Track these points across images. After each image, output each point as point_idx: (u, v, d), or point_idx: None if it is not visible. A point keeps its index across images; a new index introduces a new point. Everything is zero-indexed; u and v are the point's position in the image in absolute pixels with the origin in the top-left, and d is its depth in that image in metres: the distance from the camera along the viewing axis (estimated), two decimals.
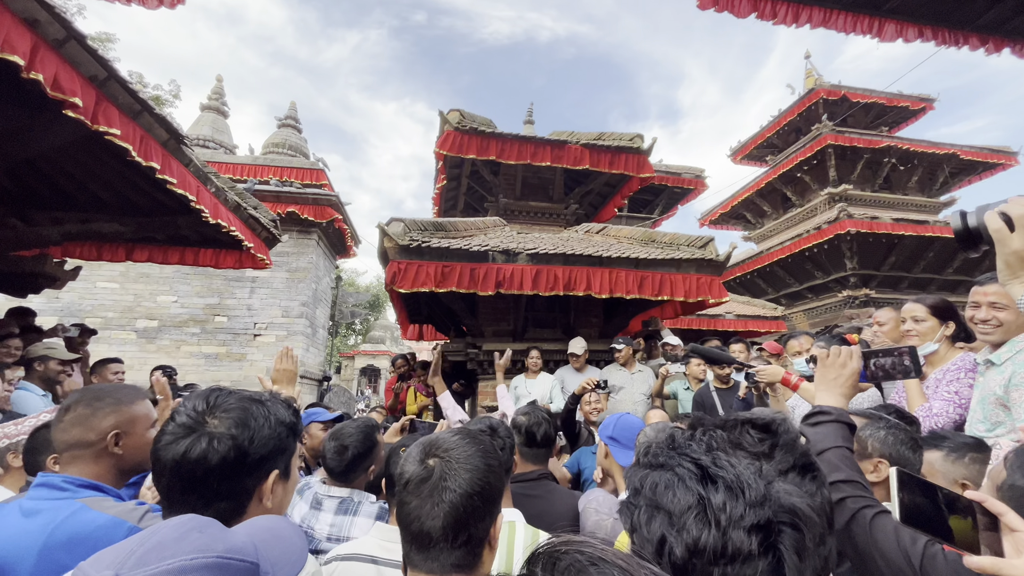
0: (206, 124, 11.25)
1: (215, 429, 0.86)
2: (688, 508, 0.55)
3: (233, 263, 5.43)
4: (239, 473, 0.87)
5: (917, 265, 10.62)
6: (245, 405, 0.92)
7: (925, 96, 12.75)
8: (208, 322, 9.01)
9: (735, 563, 0.52)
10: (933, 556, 0.83)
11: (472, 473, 0.86)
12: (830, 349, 1.24)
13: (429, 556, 0.83)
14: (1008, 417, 1.63)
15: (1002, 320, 1.78)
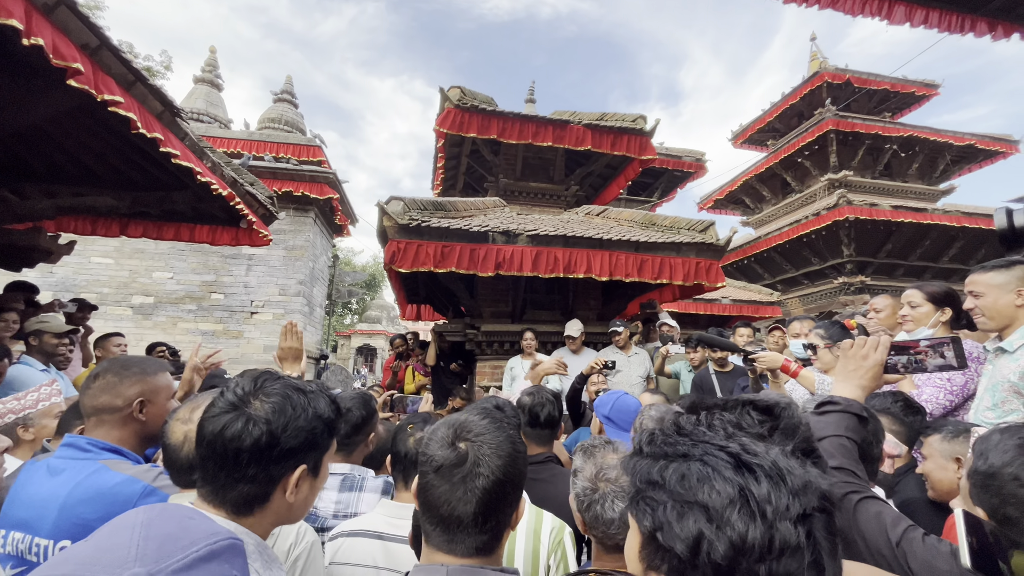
0: (200, 97, 11.00)
1: (255, 411, 0.87)
2: (731, 502, 0.51)
3: (230, 240, 5.37)
4: (267, 459, 0.86)
5: (914, 252, 10.67)
6: (288, 392, 0.91)
7: (930, 82, 12.61)
8: (205, 299, 8.97)
9: (783, 557, 0.48)
10: (911, 539, 0.85)
11: (504, 460, 0.85)
12: (855, 340, 1.20)
13: (454, 539, 0.83)
14: (1022, 404, 1.64)
15: (982, 307, 1.80)
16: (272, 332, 9.06)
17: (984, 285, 1.80)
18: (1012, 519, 0.81)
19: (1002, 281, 1.76)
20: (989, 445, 0.87)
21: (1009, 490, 0.81)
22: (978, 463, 0.87)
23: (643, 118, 5.71)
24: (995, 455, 0.84)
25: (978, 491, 0.85)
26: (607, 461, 1.24)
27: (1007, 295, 1.75)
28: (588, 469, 1.23)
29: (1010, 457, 0.82)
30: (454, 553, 0.83)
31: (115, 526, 0.47)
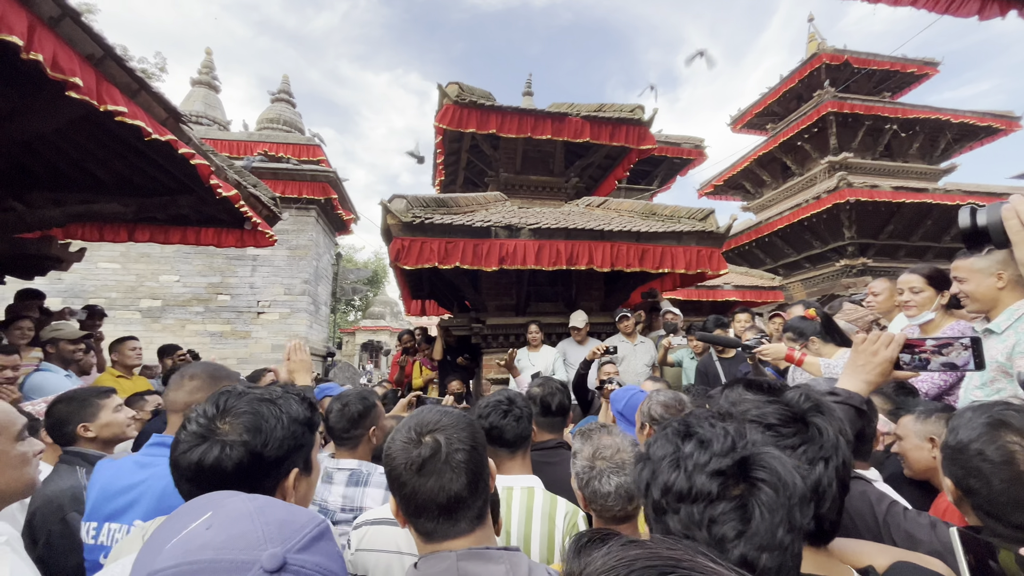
0: (198, 100, 11.01)
1: (226, 436, 0.86)
2: (664, 456, 0.67)
3: (234, 242, 5.44)
4: (256, 476, 0.86)
5: (915, 233, 10.66)
6: (255, 408, 0.90)
7: (929, 60, 12.49)
8: (211, 301, 9.07)
9: (699, 503, 0.61)
10: (895, 514, 0.92)
11: (467, 429, 0.95)
12: (869, 335, 1.22)
13: (456, 519, 0.89)
14: (1010, 384, 1.70)
15: (967, 292, 1.86)
16: (279, 331, 9.16)
17: (966, 270, 1.86)
18: (974, 489, 0.87)
19: (983, 265, 1.82)
20: (961, 422, 0.93)
21: (974, 463, 0.87)
22: (949, 437, 0.93)
23: (641, 108, 5.73)
24: (964, 431, 0.90)
25: (948, 463, 0.91)
26: (603, 442, 1.34)
27: (988, 279, 1.81)
28: (586, 450, 1.33)
29: (977, 434, 0.88)
30: (460, 534, 0.89)
31: (230, 514, 0.51)
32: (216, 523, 0.49)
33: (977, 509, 0.88)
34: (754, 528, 0.59)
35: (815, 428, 0.83)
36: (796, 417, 0.84)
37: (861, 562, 0.81)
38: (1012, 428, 0.86)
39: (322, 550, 0.52)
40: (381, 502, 1.68)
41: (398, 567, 1.34)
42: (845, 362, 1.32)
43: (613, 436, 1.36)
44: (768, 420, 0.85)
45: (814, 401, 0.86)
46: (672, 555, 0.33)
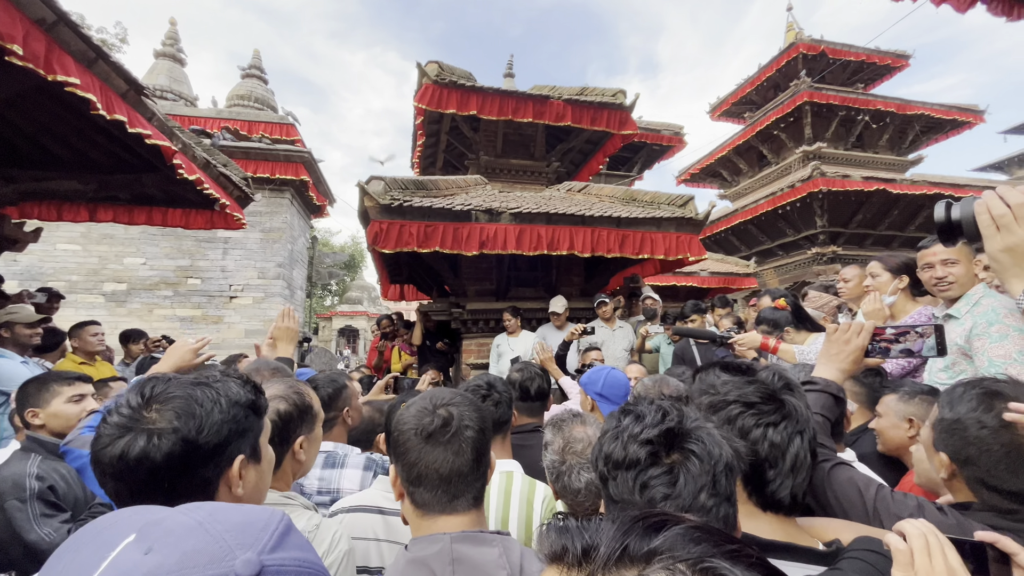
0: (162, 73, 10.48)
1: (154, 424, 0.78)
2: (607, 431, 0.77)
3: (204, 223, 5.24)
4: (192, 465, 0.78)
5: (882, 222, 11.01)
6: (188, 392, 0.83)
7: (901, 52, 12.78)
8: (180, 284, 8.77)
9: (632, 470, 0.70)
10: (884, 496, 0.95)
11: (478, 413, 0.98)
12: (840, 324, 1.26)
13: (457, 495, 0.91)
14: (970, 365, 1.77)
15: (956, 275, 1.90)
16: (253, 316, 8.94)
17: (959, 252, 1.91)
18: (972, 459, 0.91)
19: (968, 251, 1.90)
20: (954, 396, 0.96)
21: (972, 432, 0.90)
22: (944, 412, 0.96)
23: (623, 92, 5.70)
24: (960, 404, 0.94)
25: (945, 436, 0.95)
26: (574, 434, 1.34)
27: (972, 263, 1.89)
28: (557, 443, 1.34)
29: (974, 404, 0.92)
30: (456, 511, 0.90)
31: (172, 530, 0.44)
32: (156, 544, 0.41)
33: (973, 481, 0.91)
34: (678, 491, 0.67)
35: (790, 405, 0.88)
36: (772, 395, 0.89)
37: (827, 536, 0.84)
38: (1006, 397, 0.90)
39: (295, 544, 0.48)
40: (358, 484, 1.68)
41: (375, 554, 1.33)
42: (818, 349, 1.35)
43: (586, 427, 1.36)
44: (750, 399, 0.89)
45: (785, 380, 0.91)
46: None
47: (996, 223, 0.85)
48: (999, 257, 0.86)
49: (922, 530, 0.61)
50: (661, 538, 0.33)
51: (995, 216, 0.85)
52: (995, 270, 0.90)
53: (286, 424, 1.23)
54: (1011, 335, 1.66)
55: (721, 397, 0.92)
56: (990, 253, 0.87)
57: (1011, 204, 0.83)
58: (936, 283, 1.96)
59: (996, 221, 0.85)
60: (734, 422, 0.88)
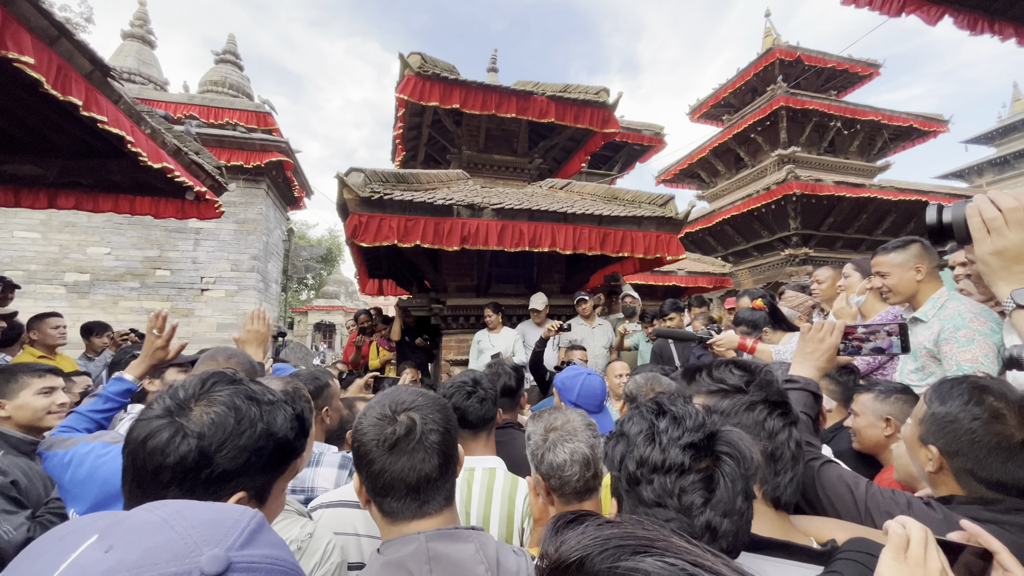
0: (130, 55, 10.04)
1: (191, 422, 0.73)
2: (640, 432, 0.73)
3: (175, 213, 5.05)
4: (193, 482, 0.71)
5: (852, 226, 11.37)
6: (236, 402, 0.77)
7: (873, 62, 13.19)
8: (148, 276, 8.45)
9: (671, 474, 0.68)
10: (874, 494, 0.98)
11: (442, 412, 0.95)
12: (813, 324, 1.30)
13: (427, 499, 0.88)
14: (939, 368, 1.83)
15: (889, 286, 2.01)
16: (226, 310, 8.68)
17: (888, 265, 2.02)
18: (962, 450, 0.93)
19: (902, 260, 1.98)
20: (943, 392, 0.99)
21: (965, 425, 0.93)
22: (935, 407, 0.99)
23: (606, 91, 5.72)
24: (951, 399, 0.97)
25: (936, 430, 0.97)
26: (554, 416, 1.35)
27: (907, 272, 1.97)
28: (538, 427, 1.34)
29: (965, 398, 0.95)
30: (427, 515, 0.88)
31: (135, 527, 0.41)
32: (117, 542, 0.39)
33: (962, 473, 0.94)
34: (718, 497, 0.66)
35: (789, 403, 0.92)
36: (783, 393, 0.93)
37: (823, 535, 0.85)
38: (993, 391, 0.94)
39: (266, 541, 0.44)
40: (333, 482, 1.67)
41: (355, 549, 1.31)
42: (794, 348, 1.38)
43: (564, 412, 1.38)
44: (774, 399, 0.92)
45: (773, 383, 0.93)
46: (646, 535, 0.33)
47: (987, 226, 0.87)
48: (988, 260, 0.88)
49: (921, 526, 0.63)
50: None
51: (986, 219, 0.87)
52: (984, 273, 0.92)
53: None
54: (977, 339, 1.72)
55: (748, 398, 0.92)
56: (980, 256, 0.90)
57: (1002, 208, 0.85)
58: (880, 289, 2.09)
59: (987, 224, 0.87)
60: (763, 424, 0.89)
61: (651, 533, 0.34)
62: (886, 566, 0.60)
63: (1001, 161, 25.31)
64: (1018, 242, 0.84)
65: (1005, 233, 0.85)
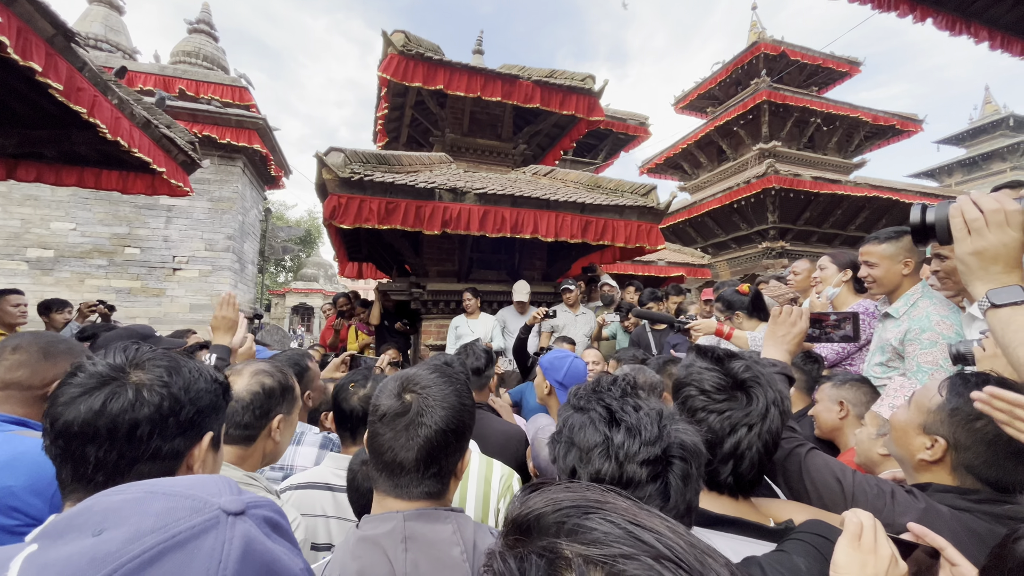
0: (96, 20, 9.54)
1: (140, 379, 0.74)
2: (595, 445, 0.71)
3: (144, 188, 4.86)
4: (174, 429, 0.74)
5: (827, 221, 11.64)
6: (171, 356, 0.81)
7: (853, 59, 13.41)
8: (116, 253, 8.15)
9: (628, 488, 0.66)
10: (860, 481, 1.01)
11: (447, 411, 0.90)
12: (783, 309, 1.35)
13: (399, 484, 0.88)
14: (902, 364, 1.89)
15: (875, 276, 2.02)
16: (199, 290, 8.46)
17: (878, 256, 2.01)
18: (967, 445, 0.96)
19: (892, 252, 1.98)
20: (960, 386, 1.00)
21: (989, 426, 0.94)
22: (954, 400, 1.00)
23: (592, 78, 5.68)
24: (959, 395, 0.99)
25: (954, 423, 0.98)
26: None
27: (896, 265, 1.98)
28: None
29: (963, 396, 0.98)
30: (403, 497, 0.88)
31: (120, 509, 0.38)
32: (107, 523, 0.36)
33: (961, 468, 0.97)
34: (672, 503, 0.67)
35: (746, 396, 0.89)
36: (734, 384, 0.90)
37: (781, 516, 0.87)
38: (1016, 388, 0.94)
39: (268, 506, 0.45)
40: (312, 461, 1.69)
41: (323, 530, 1.32)
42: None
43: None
44: (703, 385, 0.91)
45: (753, 373, 0.92)
46: (596, 497, 0.37)
47: (968, 227, 0.89)
48: (968, 260, 0.90)
49: (872, 517, 0.67)
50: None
51: (968, 220, 0.89)
52: (961, 272, 0.93)
53: (268, 398, 1.20)
54: (940, 343, 1.76)
55: (682, 377, 0.95)
56: (959, 256, 0.91)
57: (984, 210, 0.87)
58: (865, 280, 2.11)
59: (969, 225, 0.89)
60: (686, 403, 0.92)
61: (601, 496, 0.37)
62: (842, 552, 0.64)
63: (970, 162, 26.19)
64: (997, 243, 0.85)
65: (985, 234, 0.86)
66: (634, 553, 0.31)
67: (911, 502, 0.94)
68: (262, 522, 0.42)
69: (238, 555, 0.37)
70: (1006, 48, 3.90)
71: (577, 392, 0.83)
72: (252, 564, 0.38)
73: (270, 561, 0.39)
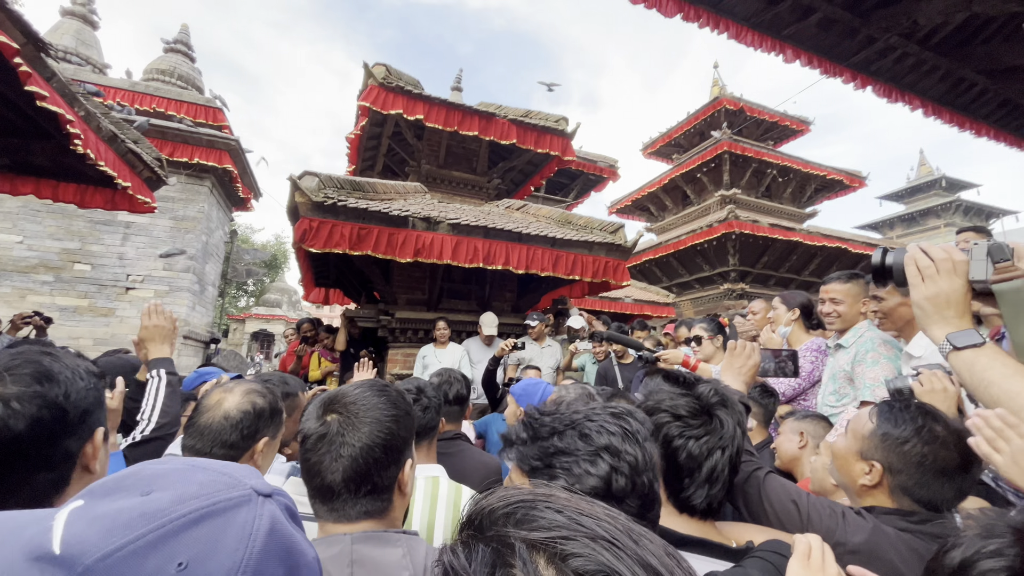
0: (68, 33, 9.37)
1: (7, 389, 0.71)
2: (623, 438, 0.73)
3: (103, 203, 4.70)
4: (59, 434, 0.73)
5: (783, 266, 12.29)
6: (35, 358, 0.77)
7: (804, 119, 14.57)
8: (65, 269, 7.72)
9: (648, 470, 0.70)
10: (815, 503, 1.05)
11: (371, 426, 0.87)
12: (738, 343, 1.44)
13: (334, 507, 0.85)
14: (853, 390, 2.03)
15: (840, 312, 2.20)
16: None
17: (843, 293, 2.21)
18: (900, 469, 1.02)
19: (856, 292, 2.20)
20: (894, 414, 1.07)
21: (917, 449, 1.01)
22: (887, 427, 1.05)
23: (565, 119, 5.94)
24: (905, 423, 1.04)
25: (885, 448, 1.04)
26: None
27: (857, 303, 2.18)
28: None
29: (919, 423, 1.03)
30: (342, 521, 0.85)
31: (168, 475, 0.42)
32: (155, 486, 0.40)
33: (898, 490, 1.03)
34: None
35: (718, 420, 0.92)
36: (704, 409, 0.94)
37: (743, 539, 0.91)
38: (939, 420, 1.04)
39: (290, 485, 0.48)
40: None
41: None
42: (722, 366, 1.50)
43: None
44: (679, 411, 0.93)
45: (721, 396, 0.96)
46: (542, 491, 0.39)
47: (921, 274, 0.95)
48: (923, 304, 0.95)
49: (819, 539, 0.73)
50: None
51: (921, 268, 0.96)
52: (918, 316, 0.98)
53: (258, 418, 1.16)
54: (882, 362, 1.95)
55: (654, 404, 0.96)
56: (915, 300, 0.97)
57: (934, 258, 0.94)
58: (826, 316, 2.26)
59: (921, 272, 0.95)
60: (660, 429, 0.92)
61: (548, 491, 0.39)
62: (793, 570, 0.69)
63: (909, 217, 28.43)
64: (948, 289, 0.92)
65: (937, 280, 0.93)
66: (573, 535, 0.33)
67: (860, 522, 0.98)
68: (284, 508, 0.45)
69: (266, 530, 0.40)
70: (937, 115, 4.36)
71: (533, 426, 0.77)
72: (276, 542, 0.41)
73: (291, 544, 0.42)
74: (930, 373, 1.32)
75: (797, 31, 3.76)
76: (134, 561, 0.35)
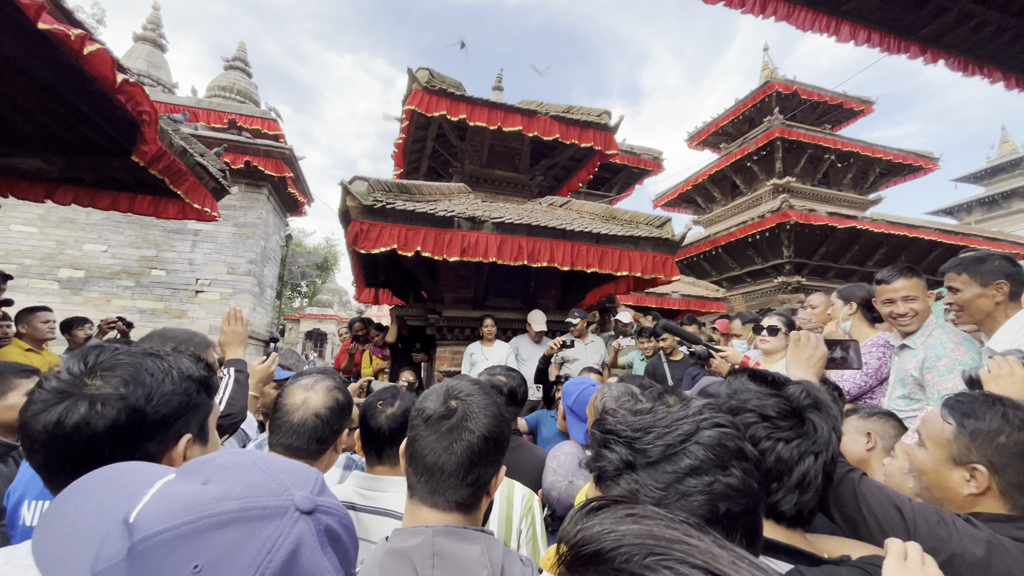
0: (140, 57, 10.17)
1: (97, 391, 0.73)
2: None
3: (175, 213, 5.06)
4: (137, 438, 0.74)
5: (844, 256, 11.55)
6: (136, 360, 0.79)
7: (866, 98, 13.58)
8: (143, 275, 8.41)
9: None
10: (920, 510, 0.95)
11: (490, 419, 0.91)
12: (801, 334, 1.38)
13: (436, 490, 0.88)
14: (924, 395, 1.87)
15: (917, 310, 1.97)
16: (219, 312, 8.62)
17: (918, 289, 1.97)
18: (1011, 464, 0.94)
19: (924, 287, 2.00)
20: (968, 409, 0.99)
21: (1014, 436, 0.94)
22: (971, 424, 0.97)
23: (608, 113, 5.85)
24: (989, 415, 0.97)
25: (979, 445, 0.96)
26: None
27: (928, 299, 1.99)
28: None
29: (1001, 410, 0.96)
30: (436, 507, 0.87)
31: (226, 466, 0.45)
32: (214, 477, 0.43)
33: (1009, 489, 0.94)
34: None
35: (811, 424, 0.87)
36: (794, 411, 0.88)
37: (837, 553, 0.85)
38: (1008, 403, 0.95)
39: (331, 493, 0.50)
40: (337, 481, 1.68)
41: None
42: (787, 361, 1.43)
43: None
44: (767, 412, 0.88)
45: (813, 398, 0.90)
46: (665, 535, 0.32)
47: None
48: None
49: (915, 543, 0.69)
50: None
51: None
52: None
53: (341, 413, 1.24)
54: (957, 369, 1.74)
55: (739, 403, 0.91)
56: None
57: None
58: (897, 318, 2.02)
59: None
60: (747, 430, 0.86)
61: (670, 533, 0.32)
62: (889, 570, 0.66)
63: (989, 200, 25.91)
64: None
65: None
66: None
67: (974, 532, 0.88)
68: (322, 531, 0.45)
69: (287, 553, 0.41)
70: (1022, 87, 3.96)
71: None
72: (294, 570, 0.41)
73: (311, 573, 0.42)
74: (1000, 358, 1.21)
75: (857, 6, 3.52)
76: (163, 551, 0.37)
